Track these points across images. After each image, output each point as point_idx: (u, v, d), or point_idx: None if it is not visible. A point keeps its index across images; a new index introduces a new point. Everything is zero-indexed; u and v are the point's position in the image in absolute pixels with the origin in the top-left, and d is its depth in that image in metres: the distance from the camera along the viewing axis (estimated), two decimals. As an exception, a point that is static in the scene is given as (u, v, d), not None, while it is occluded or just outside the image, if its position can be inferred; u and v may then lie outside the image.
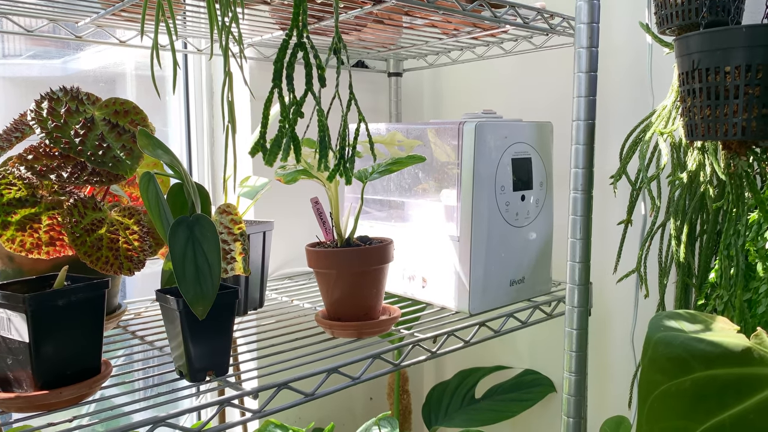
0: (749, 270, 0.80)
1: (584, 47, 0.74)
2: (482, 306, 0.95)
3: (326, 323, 0.84)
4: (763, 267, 0.77)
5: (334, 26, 0.65)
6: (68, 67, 1.20)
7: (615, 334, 1.19)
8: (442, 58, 1.34)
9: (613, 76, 1.14)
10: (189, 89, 1.30)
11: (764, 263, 0.76)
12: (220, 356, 0.70)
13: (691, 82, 0.70)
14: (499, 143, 0.94)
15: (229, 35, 0.60)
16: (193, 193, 0.64)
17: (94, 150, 0.72)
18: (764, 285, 0.76)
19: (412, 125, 1.03)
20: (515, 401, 1.31)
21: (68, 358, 0.62)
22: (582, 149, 0.75)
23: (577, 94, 0.75)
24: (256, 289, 1.01)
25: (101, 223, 0.70)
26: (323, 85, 0.64)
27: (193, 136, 1.31)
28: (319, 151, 0.63)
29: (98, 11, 0.91)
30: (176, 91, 1.31)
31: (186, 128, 1.31)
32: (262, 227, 0.99)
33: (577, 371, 0.79)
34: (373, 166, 0.87)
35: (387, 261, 0.86)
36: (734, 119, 0.66)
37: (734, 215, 0.75)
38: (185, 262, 0.63)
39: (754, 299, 0.79)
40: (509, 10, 0.91)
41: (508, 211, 0.96)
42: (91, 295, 0.64)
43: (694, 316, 0.59)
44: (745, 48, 0.65)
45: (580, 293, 0.77)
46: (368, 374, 0.75)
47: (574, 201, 0.76)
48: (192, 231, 0.64)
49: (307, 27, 0.62)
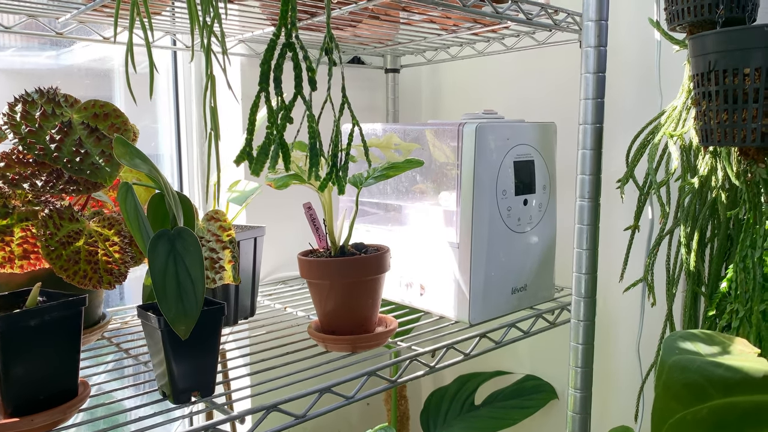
0: (764, 280, 0.76)
1: (592, 46, 0.70)
2: (483, 315, 0.91)
3: (319, 336, 0.80)
4: (779, 278, 0.73)
5: (326, 24, 0.61)
6: (61, 59, 1.15)
7: (620, 342, 1.15)
8: (440, 54, 1.30)
9: (619, 74, 1.10)
10: (179, 86, 1.25)
11: (780, 274, 0.73)
12: (206, 375, 0.66)
13: (707, 84, 0.66)
14: (501, 145, 0.90)
15: (211, 35, 0.55)
16: (175, 204, 0.60)
17: (71, 156, 0.67)
18: (780, 297, 0.72)
19: (410, 126, 0.99)
20: (516, 408, 1.27)
21: (41, 381, 0.58)
22: (589, 154, 0.71)
23: (584, 96, 0.71)
24: (247, 296, 0.97)
25: (78, 234, 0.66)
26: (314, 89, 0.60)
27: (183, 134, 1.26)
28: (309, 160, 0.59)
29: (79, 6, 0.86)
30: (167, 88, 1.26)
31: (176, 126, 1.27)
32: (253, 233, 0.95)
33: (582, 388, 0.75)
34: (369, 170, 0.83)
35: (383, 271, 0.82)
36: (753, 124, 0.62)
37: (750, 225, 0.71)
38: (166, 279, 0.59)
39: None
40: (512, 5, 0.86)
41: (510, 216, 0.91)
42: (67, 313, 0.59)
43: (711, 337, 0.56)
44: (766, 49, 0.60)
45: (586, 306, 0.73)
46: (363, 392, 0.71)
47: (580, 209, 0.72)
48: (173, 245, 0.59)
49: (296, 25, 0.58)
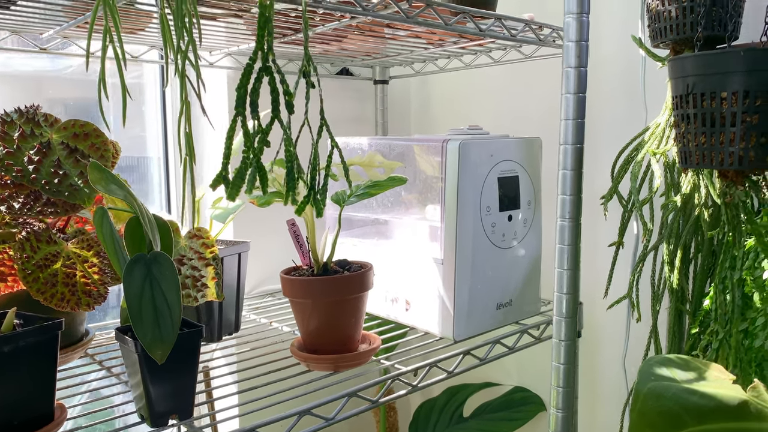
0: (746, 299, 0.76)
1: (573, 67, 0.70)
2: (467, 332, 0.91)
3: (302, 356, 0.80)
4: (761, 297, 0.73)
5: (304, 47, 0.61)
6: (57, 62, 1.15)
7: (608, 356, 1.15)
8: (429, 66, 1.30)
9: (605, 87, 1.10)
10: (166, 98, 1.25)
11: (762, 293, 0.73)
12: (184, 398, 0.65)
13: (686, 106, 0.66)
14: (485, 162, 0.90)
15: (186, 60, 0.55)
16: (151, 228, 0.60)
17: (49, 178, 0.67)
18: (761, 317, 0.72)
19: (396, 140, 0.99)
20: (504, 420, 1.27)
21: (15, 406, 0.58)
22: (570, 175, 0.71)
23: (564, 117, 0.71)
24: (231, 312, 0.96)
25: (56, 257, 0.66)
26: (291, 112, 0.60)
27: (170, 147, 1.26)
28: (286, 184, 0.59)
29: (62, 23, 0.86)
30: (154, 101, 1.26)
31: (163, 138, 1.26)
32: (238, 248, 0.95)
33: (564, 408, 0.75)
34: (352, 188, 0.82)
35: (366, 289, 0.82)
36: (731, 148, 0.62)
37: (729, 246, 0.71)
38: (142, 303, 0.58)
39: (750, 330, 0.75)
40: (495, 22, 0.86)
41: (495, 232, 0.91)
42: (42, 338, 0.59)
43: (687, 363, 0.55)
44: (743, 73, 0.60)
45: (567, 326, 0.73)
46: (344, 413, 0.71)
47: (561, 229, 0.72)
48: (150, 269, 0.59)
49: (273, 49, 0.58)
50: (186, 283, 0.79)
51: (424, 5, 0.76)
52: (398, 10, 0.74)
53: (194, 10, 0.53)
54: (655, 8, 0.82)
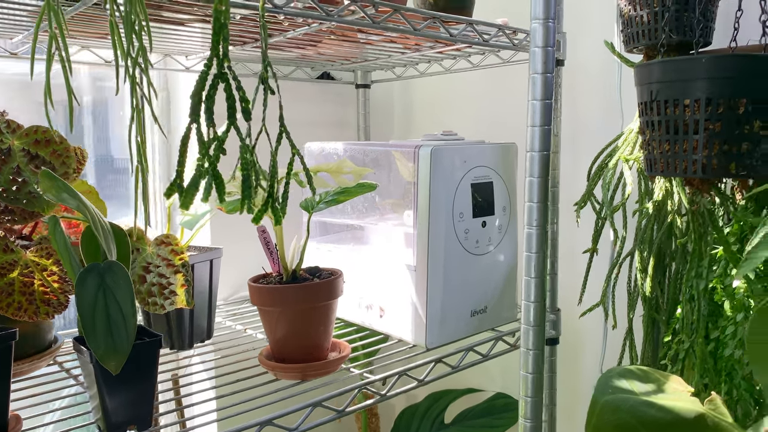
0: (717, 307, 0.75)
1: (539, 73, 0.69)
2: (440, 339, 0.90)
3: (269, 364, 0.79)
4: (731, 306, 0.72)
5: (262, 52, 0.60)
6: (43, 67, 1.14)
7: (587, 362, 1.14)
8: (410, 70, 1.29)
9: (584, 93, 1.09)
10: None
11: (732, 302, 0.72)
12: (142, 408, 0.65)
13: (650, 113, 0.65)
14: (458, 168, 0.89)
15: (136, 66, 0.54)
16: (106, 237, 0.59)
17: (7, 185, 0.66)
18: (731, 326, 0.71)
19: (370, 146, 0.98)
20: (486, 427, 1.26)
21: (-33, 418, 0.57)
22: (536, 182, 0.70)
23: (531, 123, 0.70)
24: (203, 319, 0.95)
25: (13, 266, 0.65)
26: (248, 119, 0.59)
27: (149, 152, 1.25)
28: (242, 192, 0.58)
29: (29, 28, 0.85)
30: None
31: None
32: (210, 255, 0.94)
33: (532, 417, 0.74)
34: (321, 194, 0.82)
35: (335, 296, 0.81)
36: (694, 156, 0.61)
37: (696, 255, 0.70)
38: (95, 314, 0.57)
39: (721, 339, 0.74)
40: (467, 27, 0.85)
41: (468, 239, 0.91)
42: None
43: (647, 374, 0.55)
44: (705, 80, 0.59)
45: (535, 335, 0.72)
46: (308, 424, 0.70)
47: (528, 237, 0.71)
48: (103, 279, 0.58)
49: (228, 56, 0.57)
50: (152, 290, 0.78)
51: (392, 10, 0.75)
52: (364, 16, 0.73)
53: (144, 16, 0.52)
54: (628, 13, 0.82)
